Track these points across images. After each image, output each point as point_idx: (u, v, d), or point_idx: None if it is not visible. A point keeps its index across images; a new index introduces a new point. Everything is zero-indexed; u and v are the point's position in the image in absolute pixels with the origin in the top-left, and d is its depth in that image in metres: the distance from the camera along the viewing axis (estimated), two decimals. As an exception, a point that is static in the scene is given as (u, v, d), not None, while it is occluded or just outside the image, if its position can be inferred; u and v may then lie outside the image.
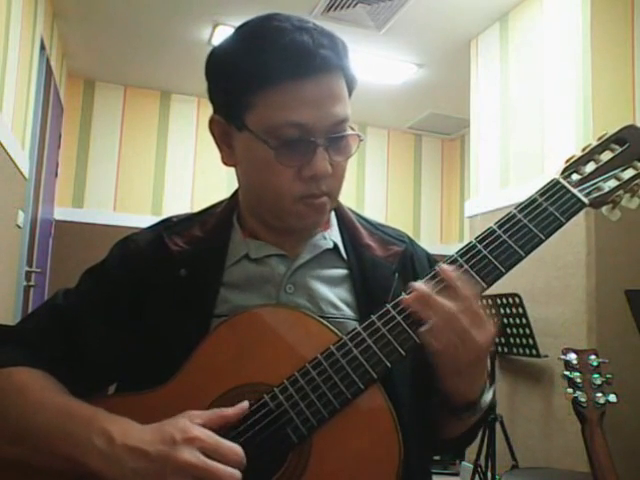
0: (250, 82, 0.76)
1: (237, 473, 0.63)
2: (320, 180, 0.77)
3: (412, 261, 0.89)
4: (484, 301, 2.76)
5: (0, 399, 0.72)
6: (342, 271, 0.86)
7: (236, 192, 0.92)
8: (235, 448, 0.64)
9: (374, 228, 0.92)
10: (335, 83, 0.78)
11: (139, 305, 0.81)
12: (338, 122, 0.77)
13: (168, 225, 0.89)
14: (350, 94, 0.83)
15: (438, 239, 5.18)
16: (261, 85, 0.75)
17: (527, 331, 2.59)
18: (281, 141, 0.75)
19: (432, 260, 0.94)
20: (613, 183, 0.78)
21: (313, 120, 0.75)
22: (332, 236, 0.88)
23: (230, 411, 0.68)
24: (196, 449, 0.63)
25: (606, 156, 0.79)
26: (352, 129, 0.80)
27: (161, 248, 0.84)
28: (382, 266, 0.85)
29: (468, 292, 0.70)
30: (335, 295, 0.83)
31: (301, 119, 0.74)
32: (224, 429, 0.67)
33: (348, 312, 0.82)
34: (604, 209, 0.79)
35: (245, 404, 0.69)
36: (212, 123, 0.84)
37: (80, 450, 0.66)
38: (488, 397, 0.77)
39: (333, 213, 0.92)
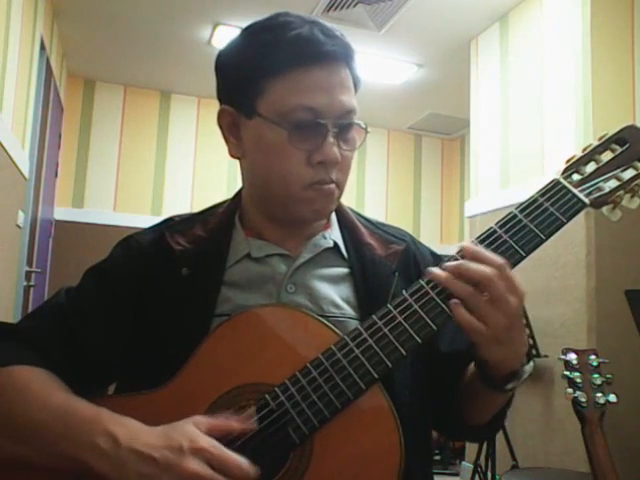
0: (262, 69, 0.78)
1: None
2: (329, 167, 0.79)
3: (415, 259, 0.89)
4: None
5: (2, 398, 0.72)
6: (343, 270, 0.86)
7: (238, 192, 0.92)
8: (240, 462, 0.64)
9: (375, 227, 0.93)
10: (343, 73, 0.80)
11: (141, 304, 0.81)
12: (347, 110, 0.79)
13: (170, 224, 0.89)
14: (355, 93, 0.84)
15: (438, 239, 5.18)
16: (273, 71, 0.77)
17: (527, 331, 2.59)
18: (293, 124, 0.77)
19: (436, 256, 0.94)
20: (614, 183, 0.78)
21: (323, 105, 0.77)
22: (332, 235, 0.88)
23: (236, 426, 0.67)
24: (202, 460, 0.63)
25: (607, 156, 0.79)
26: (360, 124, 0.82)
27: (163, 247, 0.84)
28: (382, 265, 0.85)
29: (499, 260, 0.69)
30: (336, 294, 0.83)
31: (313, 103, 0.77)
32: (228, 438, 0.67)
33: (349, 311, 0.82)
34: (605, 209, 0.79)
35: (253, 425, 0.68)
36: (221, 115, 0.85)
37: (83, 451, 0.66)
38: (528, 367, 0.76)
39: (333, 213, 0.92)
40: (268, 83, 0.78)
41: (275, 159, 0.79)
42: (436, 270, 0.70)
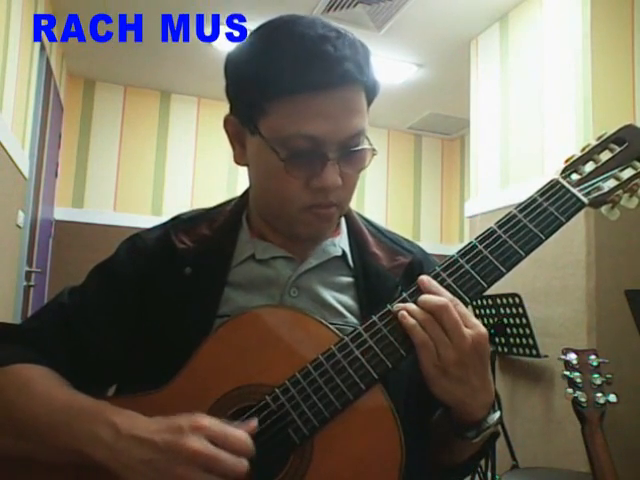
0: (266, 89, 0.74)
1: (245, 462, 0.63)
2: (329, 192, 0.77)
3: (421, 272, 0.87)
4: (484, 301, 2.76)
5: (5, 394, 0.72)
6: (347, 279, 0.85)
7: (247, 191, 0.91)
8: (242, 436, 0.64)
9: (382, 236, 0.91)
10: (352, 96, 0.76)
11: (144, 303, 0.81)
12: (352, 136, 0.76)
13: (176, 223, 0.89)
14: (371, 102, 0.82)
15: (438, 239, 5.18)
16: (276, 94, 0.74)
17: (527, 331, 2.59)
18: (292, 152, 0.74)
19: None
20: (612, 183, 0.78)
21: (326, 133, 0.74)
22: (341, 243, 0.88)
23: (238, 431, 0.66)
24: (204, 437, 0.62)
25: (605, 156, 0.80)
26: (368, 140, 0.79)
27: (167, 246, 0.84)
28: (386, 277, 0.84)
29: (451, 295, 0.70)
30: (339, 302, 0.83)
31: (314, 132, 0.73)
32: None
33: (351, 319, 0.82)
34: (603, 209, 0.79)
35: (253, 424, 0.67)
36: (226, 123, 0.84)
37: (85, 442, 0.66)
38: (495, 416, 0.74)
39: (343, 220, 0.91)
40: (269, 105, 0.75)
41: (273, 181, 0.78)
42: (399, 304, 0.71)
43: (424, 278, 0.72)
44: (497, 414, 0.74)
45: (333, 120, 0.74)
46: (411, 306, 0.70)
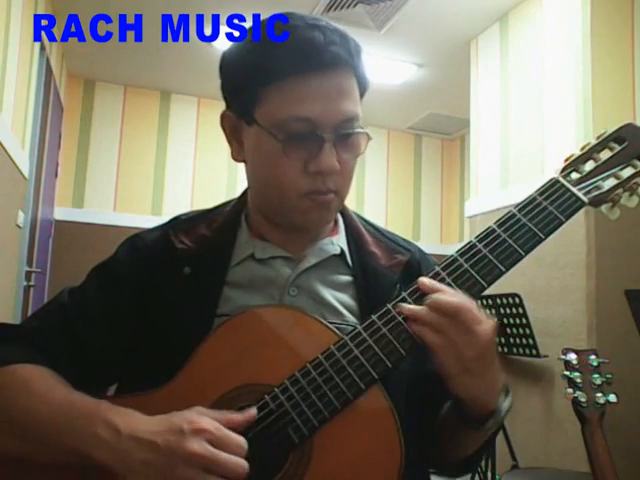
0: (259, 76, 0.76)
1: (245, 462, 0.63)
2: (326, 176, 0.77)
3: (419, 271, 0.87)
4: (484, 301, 2.76)
5: (5, 395, 0.72)
6: (346, 278, 0.85)
7: (246, 191, 0.92)
8: (240, 440, 0.65)
9: (381, 235, 0.92)
10: (344, 79, 0.78)
11: (144, 303, 0.81)
12: (346, 119, 0.77)
13: (175, 223, 0.89)
14: (362, 95, 0.83)
15: (438, 239, 5.18)
16: (269, 79, 0.76)
17: (527, 331, 2.59)
18: (288, 135, 0.75)
19: None
20: (612, 182, 0.78)
21: (321, 115, 0.75)
22: (339, 242, 0.88)
23: (238, 417, 0.67)
24: (204, 440, 0.63)
25: (605, 155, 0.79)
26: (362, 129, 0.80)
27: (166, 246, 0.84)
28: (385, 275, 0.85)
29: (459, 293, 0.71)
30: (338, 301, 0.83)
31: (308, 113, 0.75)
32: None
33: (350, 318, 0.82)
34: (603, 208, 0.79)
35: (253, 412, 0.68)
36: (223, 118, 0.85)
37: (85, 442, 0.66)
38: (507, 403, 0.75)
39: (340, 219, 0.91)
40: (264, 91, 0.77)
41: (271, 168, 0.79)
42: (407, 305, 0.71)
43: (425, 280, 0.72)
44: (508, 401, 0.75)
45: (325, 101, 0.75)
46: (421, 311, 0.69)
